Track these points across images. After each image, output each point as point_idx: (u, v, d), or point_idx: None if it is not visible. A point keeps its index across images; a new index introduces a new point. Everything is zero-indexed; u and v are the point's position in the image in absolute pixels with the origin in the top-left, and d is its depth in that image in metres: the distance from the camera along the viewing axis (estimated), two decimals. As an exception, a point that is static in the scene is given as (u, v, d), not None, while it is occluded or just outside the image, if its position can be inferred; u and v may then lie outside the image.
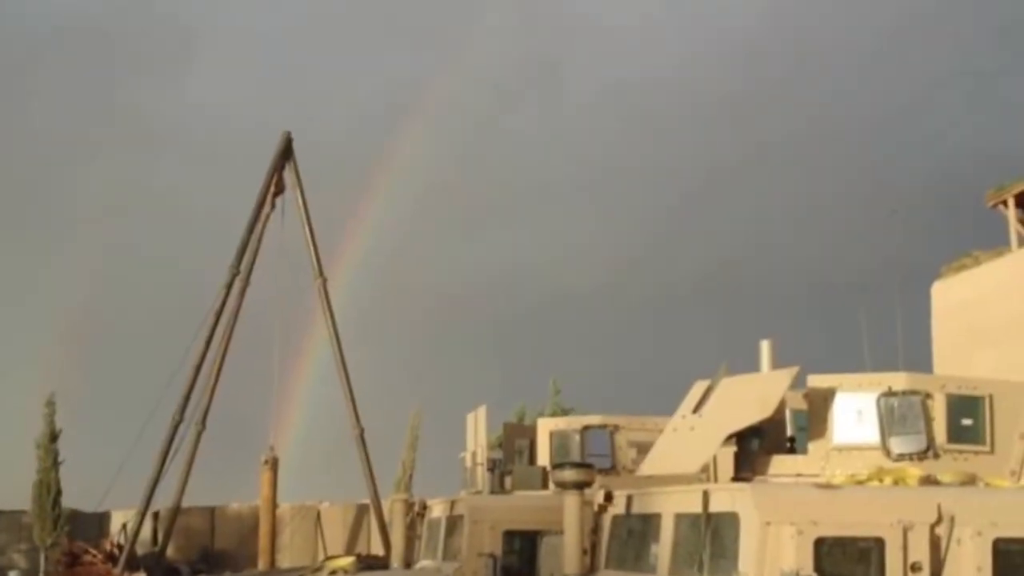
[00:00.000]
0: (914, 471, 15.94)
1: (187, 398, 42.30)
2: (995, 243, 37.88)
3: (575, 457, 25.17)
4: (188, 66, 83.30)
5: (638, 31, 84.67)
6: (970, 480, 15.64)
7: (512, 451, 28.05)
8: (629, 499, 13.87)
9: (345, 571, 31.09)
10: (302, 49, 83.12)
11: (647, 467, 20.78)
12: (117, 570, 43.09)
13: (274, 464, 41.45)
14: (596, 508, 14.00)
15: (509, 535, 18.82)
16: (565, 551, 13.28)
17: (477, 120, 78.57)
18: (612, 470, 25.09)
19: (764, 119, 78.48)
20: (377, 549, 42.04)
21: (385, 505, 40.22)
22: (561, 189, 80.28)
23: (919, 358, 31.00)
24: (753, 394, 19.54)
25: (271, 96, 77.90)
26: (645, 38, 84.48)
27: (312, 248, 43.27)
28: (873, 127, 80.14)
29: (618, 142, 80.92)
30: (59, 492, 46.29)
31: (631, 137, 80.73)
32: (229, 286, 42.74)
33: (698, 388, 20.84)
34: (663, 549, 12.79)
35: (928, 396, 18.64)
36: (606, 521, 14.13)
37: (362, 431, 42.49)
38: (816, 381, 19.39)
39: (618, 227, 77.81)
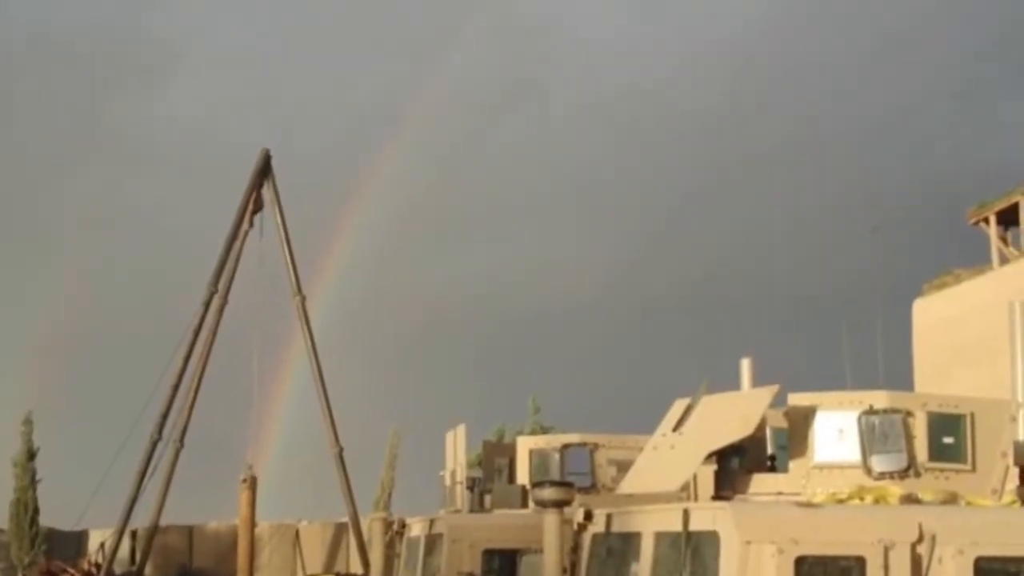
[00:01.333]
0: (895, 489, 15.85)
1: (165, 416, 42.05)
2: (976, 260, 37.95)
3: (555, 475, 25.09)
4: (168, 81, 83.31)
5: (622, 44, 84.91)
6: (952, 499, 15.53)
7: (491, 469, 27.98)
8: (609, 518, 13.76)
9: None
10: (284, 64, 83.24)
11: (627, 485, 20.72)
12: (95, 589, 42.92)
13: (252, 483, 41.14)
14: (576, 527, 13.88)
15: (488, 554, 18.72)
16: (544, 570, 13.17)
17: (460, 134, 78.60)
18: (592, 488, 25.02)
19: (747, 133, 78.68)
20: (356, 568, 41.87)
21: (364, 524, 40.05)
22: (543, 204, 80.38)
23: (900, 375, 31.02)
24: (734, 412, 19.49)
25: (252, 111, 77.88)
26: (629, 51, 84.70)
27: (291, 266, 43.09)
28: (855, 142, 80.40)
29: (601, 156, 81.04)
30: (36, 511, 46.13)
31: (614, 151, 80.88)
32: (207, 304, 42.53)
33: (678, 406, 20.78)
34: (643, 568, 12.68)
35: (909, 414, 18.61)
36: (586, 540, 14.01)
37: (341, 450, 42.29)
38: (797, 399, 19.34)
39: (599, 243, 77.89)
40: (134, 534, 45.18)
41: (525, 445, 27.51)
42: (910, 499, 14.86)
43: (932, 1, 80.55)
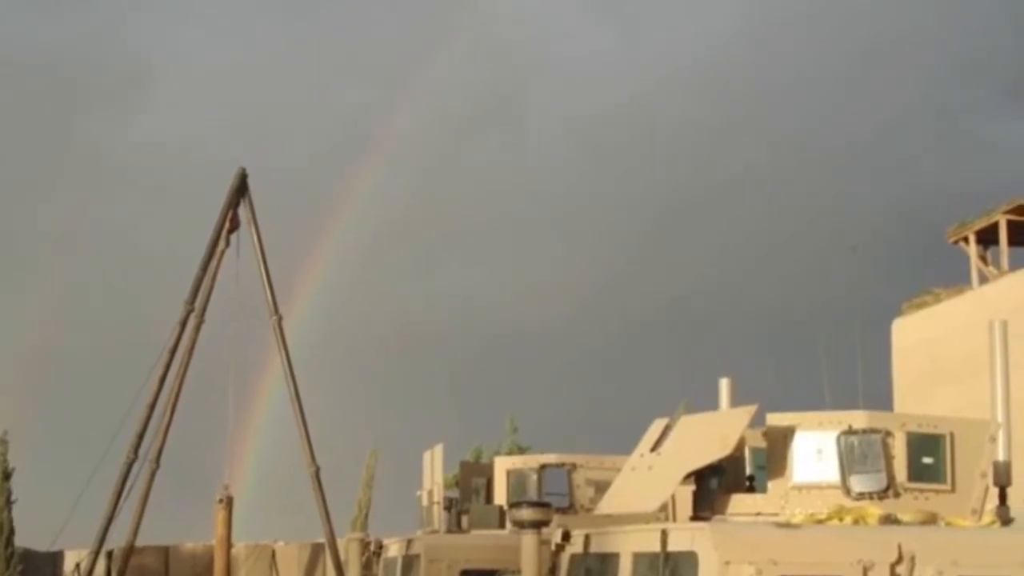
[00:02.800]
0: (874, 510, 15.79)
1: (141, 436, 41.80)
2: (956, 280, 38.03)
3: (532, 496, 25.01)
4: (144, 101, 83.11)
5: (599, 64, 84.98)
6: (931, 519, 15.51)
7: (469, 490, 27.87)
8: (587, 538, 13.70)
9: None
10: (259, 84, 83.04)
11: (605, 506, 20.60)
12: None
13: (229, 503, 40.94)
14: (553, 547, 13.83)
15: (466, 574, 18.67)
16: (522, 591, 13.08)
17: (436, 156, 78.58)
18: (570, 509, 24.91)
19: (724, 154, 78.79)
20: (333, 589, 41.72)
21: (341, 544, 39.88)
22: (519, 225, 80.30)
23: (879, 395, 31.01)
24: (712, 432, 19.39)
25: (228, 131, 77.67)
26: (606, 71, 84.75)
27: (267, 286, 42.94)
28: (834, 162, 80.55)
29: (578, 177, 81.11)
30: (12, 531, 45.91)
31: (591, 172, 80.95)
32: (183, 323, 42.35)
33: (657, 426, 20.68)
34: (621, 589, 12.62)
35: (888, 434, 18.53)
36: (564, 560, 13.95)
37: (317, 469, 42.10)
38: (775, 419, 19.26)
39: (576, 264, 77.85)
40: (110, 555, 44.92)
41: (502, 465, 27.42)
42: (889, 520, 14.82)
43: (914, 20, 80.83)
